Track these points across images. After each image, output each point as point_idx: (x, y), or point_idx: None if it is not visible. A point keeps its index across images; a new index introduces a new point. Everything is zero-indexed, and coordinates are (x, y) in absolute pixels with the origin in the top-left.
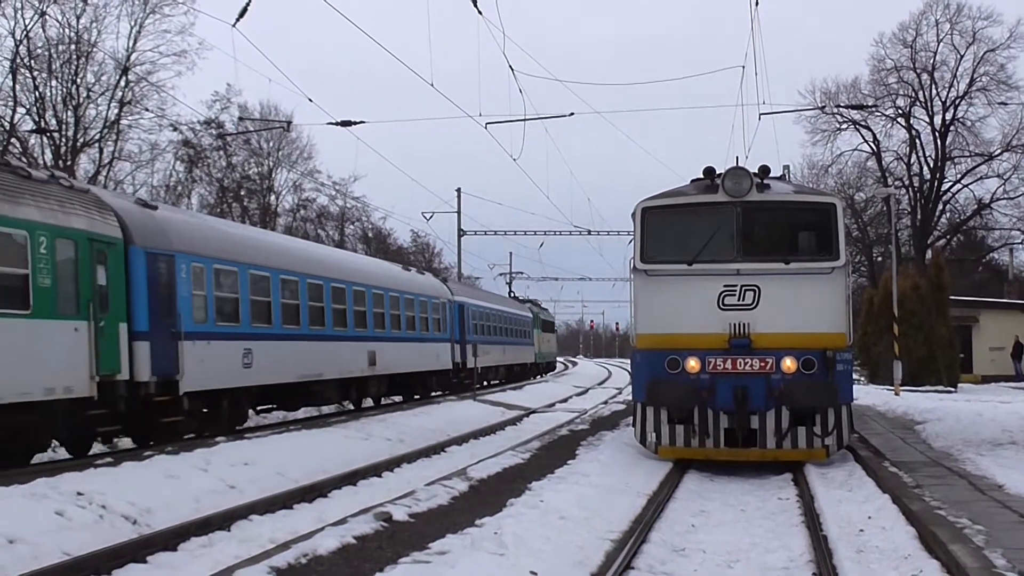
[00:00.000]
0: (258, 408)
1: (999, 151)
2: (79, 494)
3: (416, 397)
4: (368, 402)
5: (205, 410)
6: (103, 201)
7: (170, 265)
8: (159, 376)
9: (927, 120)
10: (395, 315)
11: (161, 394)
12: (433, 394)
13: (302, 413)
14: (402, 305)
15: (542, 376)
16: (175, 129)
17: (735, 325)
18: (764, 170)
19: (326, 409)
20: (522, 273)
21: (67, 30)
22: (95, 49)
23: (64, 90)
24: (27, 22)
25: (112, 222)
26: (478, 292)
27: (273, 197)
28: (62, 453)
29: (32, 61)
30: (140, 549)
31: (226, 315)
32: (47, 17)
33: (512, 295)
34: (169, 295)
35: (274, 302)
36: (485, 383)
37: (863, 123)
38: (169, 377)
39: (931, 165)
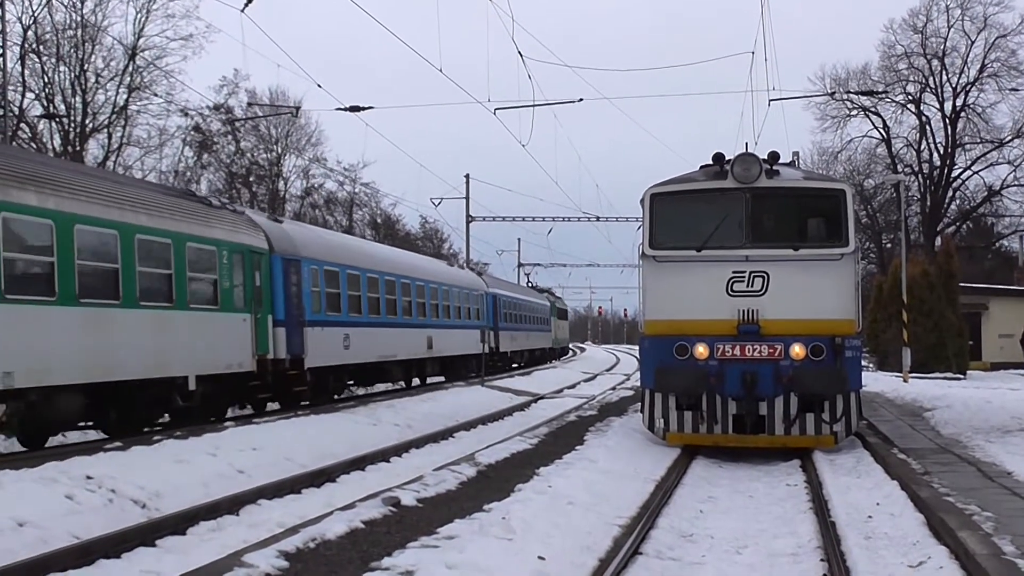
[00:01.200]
0: (349, 383)
1: (1010, 138)
2: (88, 478)
3: (472, 374)
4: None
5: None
6: (253, 220)
7: (297, 268)
8: (291, 355)
9: (937, 106)
10: (446, 306)
11: (292, 369)
12: (472, 375)
13: (378, 388)
14: (451, 297)
15: (557, 360)
16: (184, 114)
17: (744, 311)
18: (773, 156)
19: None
20: (539, 265)
21: (74, 14)
22: (103, 34)
23: (73, 75)
24: (35, 7)
25: (261, 236)
26: (507, 284)
27: (282, 183)
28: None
29: (40, 46)
30: (149, 533)
31: (332, 307)
32: (54, 2)
33: (530, 284)
34: (297, 292)
35: (363, 296)
36: (514, 365)
37: (873, 109)
38: (297, 356)
39: (941, 152)
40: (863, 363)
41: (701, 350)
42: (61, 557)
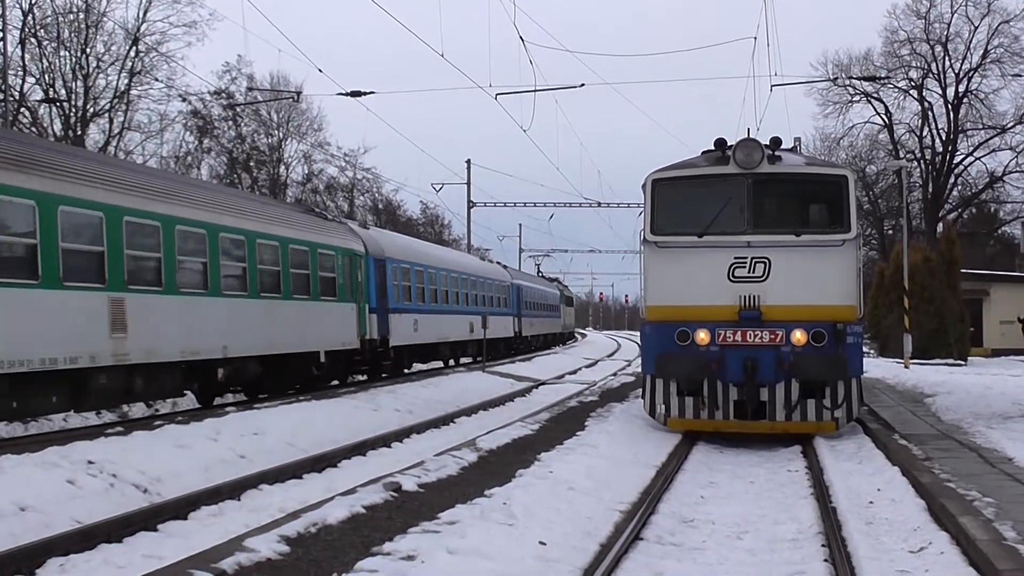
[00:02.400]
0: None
1: (1012, 124)
2: (90, 463)
3: (521, 351)
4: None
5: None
6: (353, 229)
7: (382, 266)
8: (380, 336)
9: (940, 92)
10: (484, 296)
11: (380, 347)
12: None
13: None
14: (487, 288)
15: (565, 343)
16: (184, 100)
17: (745, 297)
18: (775, 142)
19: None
20: (548, 255)
21: None
22: (104, 19)
23: (73, 60)
24: None
25: (359, 242)
26: (526, 276)
27: (283, 168)
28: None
29: (41, 31)
30: (151, 517)
31: (406, 297)
32: None
33: (540, 274)
34: (383, 285)
35: (426, 288)
36: (533, 347)
37: (875, 95)
38: (384, 337)
39: (943, 138)
40: (864, 349)
41: (702, 336)
42: (63, 541)
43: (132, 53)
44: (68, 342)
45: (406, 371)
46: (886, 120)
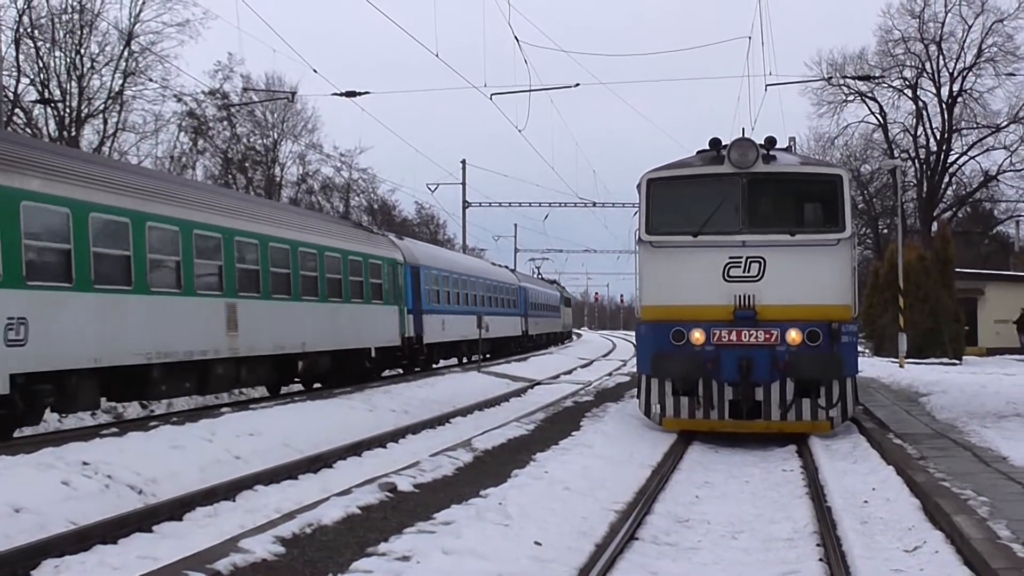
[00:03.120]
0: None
1: (1006, 123)
2: (85, 464)
3: (528, 348)
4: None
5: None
6: (393, 241)
7: (416, 272)
8: (415, 334)
9: (934, 92)
10: (492, 297)
11: (416, 344)
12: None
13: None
14: (499, 291)
15: (565, 342)
16: (179, 100)
17: (740, 297)
18: (770, 141)
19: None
20: (547, 258)
21: None
22: (98, 19)
23: (68, 60)
24: None
25: (398, 252)
26: (530, 279)
27: (278, 168)
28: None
29: (35, 31)
30: (146, 519)
31: (436, 299)
32: None
33: (540, 276)
34: (418, 289)
35: (451, 291)
36: (538, 345)
37: (870, 95)
38: (419, 335)
39: (938, 137)
40: (859, 348)
41: (697, 335)
42: (58, 542)
43: (126, 53)
44: (200, 339)
45: (434, 365)
46: (880, 119)
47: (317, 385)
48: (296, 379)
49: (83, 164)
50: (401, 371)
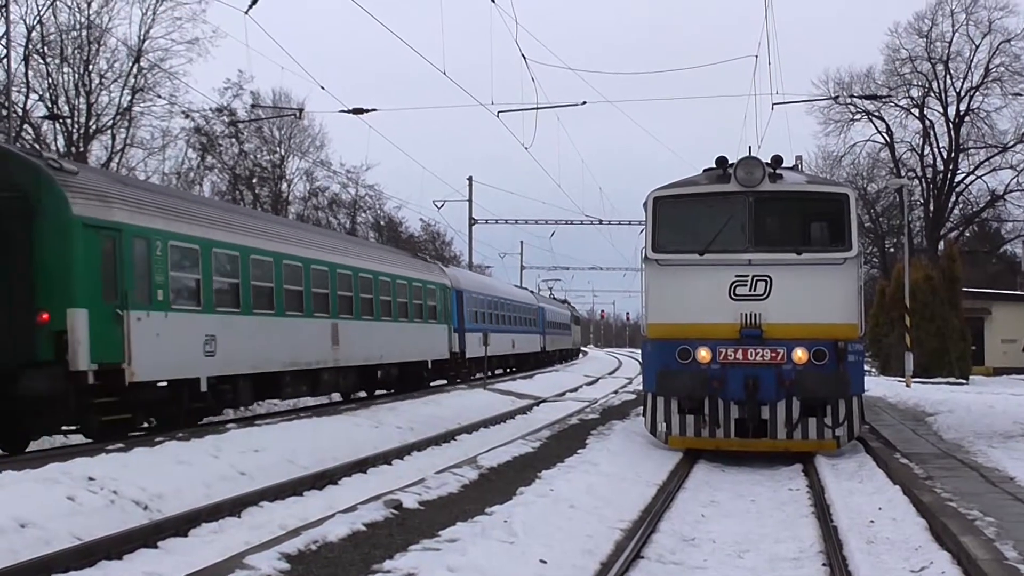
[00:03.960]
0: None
1: (1013, 142)
2: (90, 479)
3: (544, 364)
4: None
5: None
6: (441, 268)
7: (460, 296)
8: (460, 350)
9: (941, 111)
10: (518, 317)
11: (459, 358)
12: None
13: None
14: (523, 311)
15: (569, 361)
16: (187, 116)
17: (746, 315)
18: (776, 160)
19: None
20: (559, 280)
21: (78, 15)
22: (107, 35)
23: (76, 77)
24: (39, 8)
25: (446, 277)
26: (546, 299)
27: (285, 185)
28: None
29: (45, 47)
30: (151, 534)
31: (476, 319)
32: (59, 3)
33: (552, 296)
34: (461, 310)
35: (487, 312)
36: (553, 360)
37: (876, 114)
38: (462, 350)
39: (944, 156)
40: (865, 367)
41: (703, 354)
42: (63, 558)
43: (135, 70)
44: (315, 352)
45: (473, 377)
46: (887, 138)
47: (380, 392)
48: (377, 386)
49: (244, 218)
50: (446, 381)
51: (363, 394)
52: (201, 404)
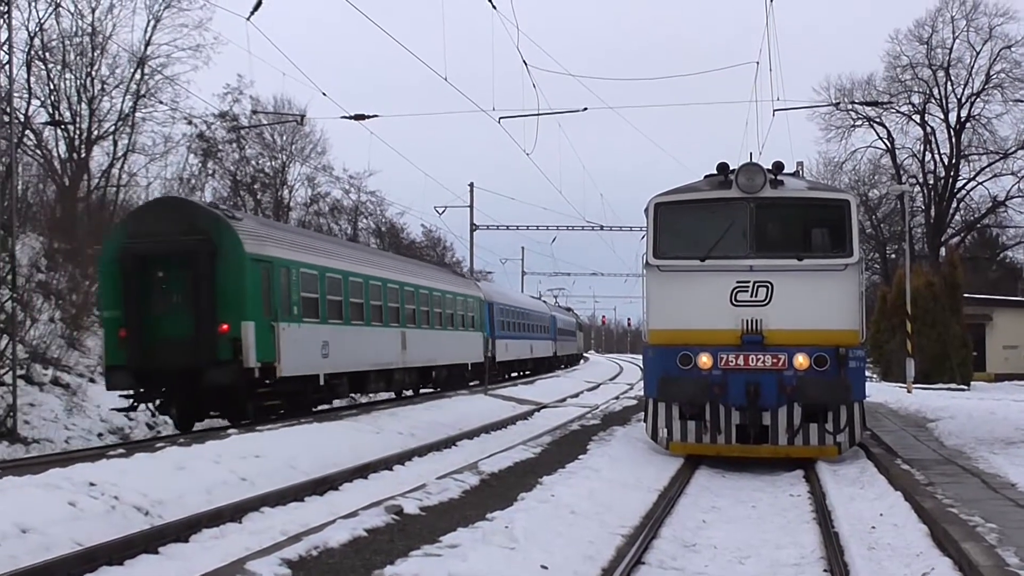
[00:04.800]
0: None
1: (1014, 149)
2: (91, 485)
3: (555, 367)
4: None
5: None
6: (475, 283)
7: (492, 307)
8: (492, 354)
9: (942, 117)
10: (535, 324)
11: (491, 362)
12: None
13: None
14: (538, 319)
15: (568, 367)
16: (189, 122)
17: (747, 321)
18: (778, 166)
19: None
20: (563, 289)
21: (80, 21)
22: (109, 42)
23: (78, 82)
24: (41, 14)
25: (480, 291)
26: (555, 307)
27: (286, 191)
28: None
29: (47, 53)
30: (152, 540)
31: (504, 328)
32: (61, 9)
33: (557, 304)
34: (492, 320)
35: (512, 321)
36: (562, 365)
37: (878, 120)
38: (493, 355)
39: (946, 162)
40: (867, 373)
41: (705, 360)
42: (64, 564)
43: (137, 76)
44: (390, 354)
45: (502, 378)
46: (888, 145)
47: (426, 390)
48: (432, 385)
49: (343, 248)
50: (479, 382)
51: (426, 390)
52: (317, 395)
